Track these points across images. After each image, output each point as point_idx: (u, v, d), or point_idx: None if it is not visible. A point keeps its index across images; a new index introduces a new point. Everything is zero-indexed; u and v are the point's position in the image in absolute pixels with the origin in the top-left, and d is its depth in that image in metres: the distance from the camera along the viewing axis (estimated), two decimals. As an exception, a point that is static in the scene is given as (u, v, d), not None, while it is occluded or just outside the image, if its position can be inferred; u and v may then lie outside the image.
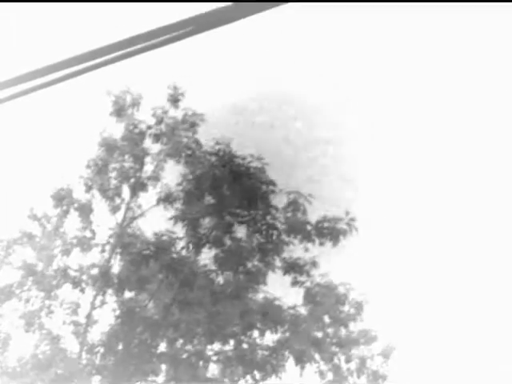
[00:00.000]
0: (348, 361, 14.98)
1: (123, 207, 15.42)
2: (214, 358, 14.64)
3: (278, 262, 14.38)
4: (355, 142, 21.05)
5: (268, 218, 14.05)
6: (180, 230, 14.28)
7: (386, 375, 15.14)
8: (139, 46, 3.49)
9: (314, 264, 14.34)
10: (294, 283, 14.43)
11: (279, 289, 14.80)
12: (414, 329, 17.59)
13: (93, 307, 14.96)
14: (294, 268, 14.30)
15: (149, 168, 15.42)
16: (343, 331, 14.84)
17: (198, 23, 3.21)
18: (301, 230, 14.15)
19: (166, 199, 14.65)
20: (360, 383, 15.07)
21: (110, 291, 14.75)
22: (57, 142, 18.09)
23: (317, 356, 14.55)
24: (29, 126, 18.84)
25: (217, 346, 14.68)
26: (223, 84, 20.57)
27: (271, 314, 14.20)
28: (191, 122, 15.00)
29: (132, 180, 15.15)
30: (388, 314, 16.53)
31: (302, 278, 14.43)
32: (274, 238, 14.08)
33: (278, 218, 14.15)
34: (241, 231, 14.38)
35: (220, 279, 14.45)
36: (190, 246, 14.19)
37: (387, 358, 15.19)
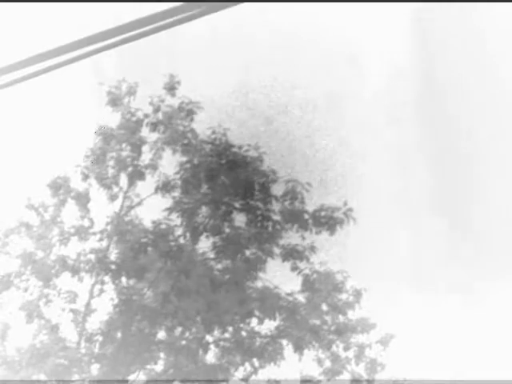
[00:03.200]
0: (346, 348, 15.00)
1: (121, 196, 15.39)
2: (213, 346, 14.67)
3: (276, 250, 14.41)
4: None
5: (263, 207, 14.07)
6: (178, 218, 14.27)
7: (385, 363, 15.17)
8: (136, 32, 3.46)
9: (313, 249, 14.39)
10: (294, 269, 14.48)
11: (277, 277, 14.83)
12: (413, 317, 17.62)
13: (91, 296, 14.98)
14: (292, 254, 14.35)
15: (146, 157, 15.38)
16: (341, 319, 14.86)
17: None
18: (298, 218, 14.18)
19: (164, 187, 14.62)
20: (358, 371, 15.10)
21: (108, 281, 14.75)
22: (54, 131, 18.07)
23: (315, 344, 14.58)
24: (25, 114, 18.80)
25: (215, 334, 14.71)
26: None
27: (269, 302, 14.22)
28: (188, 110, 14.96)
29: (130, 168, 15.10)
30: (387, 303, 16.55)
31: (302, 265, 14.47)
32: (269, 228, 14.10)
33: (273, 208, 14.17)
34: (239, 220, 14.38)
35: (219, 267, 14.46)
36: (188, 235, 14.20)
37: (386, 345, 15.21)
